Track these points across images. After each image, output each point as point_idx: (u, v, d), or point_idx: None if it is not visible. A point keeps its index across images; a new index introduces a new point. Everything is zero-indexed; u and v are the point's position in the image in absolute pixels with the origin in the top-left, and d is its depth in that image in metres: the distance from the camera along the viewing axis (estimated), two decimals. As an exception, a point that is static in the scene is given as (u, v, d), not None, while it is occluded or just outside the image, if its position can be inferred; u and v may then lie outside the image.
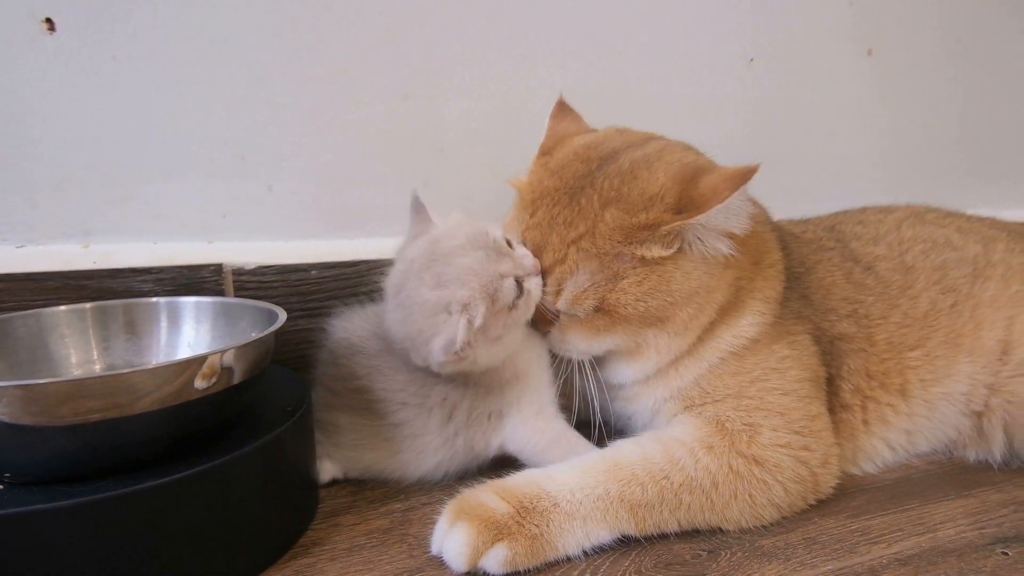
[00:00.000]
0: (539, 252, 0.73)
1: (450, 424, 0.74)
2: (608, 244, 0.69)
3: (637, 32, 1.15)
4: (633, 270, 0.69)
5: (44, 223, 0.89)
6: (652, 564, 0.65)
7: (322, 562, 0.65)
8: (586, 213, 0.71)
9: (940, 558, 0.66)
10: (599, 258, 0.70)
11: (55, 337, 0.78)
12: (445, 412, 0.74)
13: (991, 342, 0.84)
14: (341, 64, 0.99)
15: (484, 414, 0.74)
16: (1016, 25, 1.46)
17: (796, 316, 0.78)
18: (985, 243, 0.91)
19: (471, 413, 0.74)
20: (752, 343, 0.75)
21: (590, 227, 0.70)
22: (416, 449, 0.75)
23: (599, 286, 0.70)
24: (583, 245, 0.70)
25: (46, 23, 0.85)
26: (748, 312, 0.75)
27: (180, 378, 0.59)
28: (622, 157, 0.74)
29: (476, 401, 0.74)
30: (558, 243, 0.71)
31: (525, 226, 0.74)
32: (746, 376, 0.73)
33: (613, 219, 0.69)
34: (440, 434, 0.74)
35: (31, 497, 0.53)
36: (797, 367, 0.75)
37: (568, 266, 0.71)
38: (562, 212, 0.72)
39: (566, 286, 0.71)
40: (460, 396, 0.73)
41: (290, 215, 1.00)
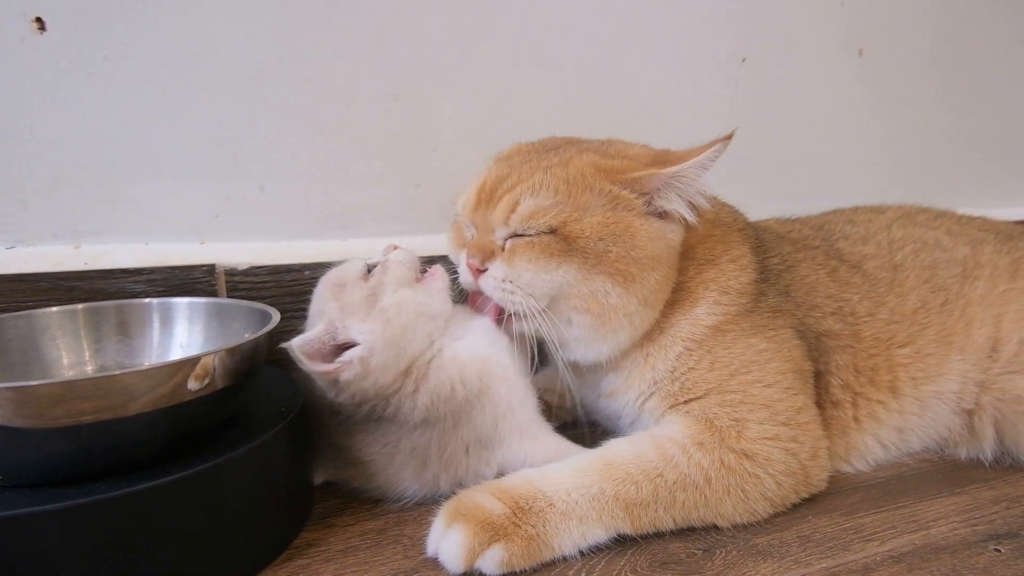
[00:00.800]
0: (502, 181, 0.74)
1: (427, 470, 0.71)
2: (579, 175, 0.72)
3: (630, 32, 1.16)
4: (602, 209, 0.71)
5: (35, 224, 0.89)
6: (647, 563, 0.65)
7: (317, 563, 0.65)
8: (562, 154, 0.75)
9: (933, 555, 0.66)
10: (568, 183, 0.71)
11: (47, 338, 0.78)
12: (417, 461, 0.71)
13: (981, 340, 0.85)
14: (334, 64, 0.99)
15: (460, 449, 0.71)
16: (1005, 26, 1.47)
17: (774, 311, 0.79)
18: (973, 245, 0.92)
19: (443, 453, 0.70)
20: (714, 331, 0.75)
21: (564, 160, 0.74)
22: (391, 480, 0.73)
23: (562, 208, 0.70)
24: (554, 171, 0.72)
25: (36, 23, 0.85)
26: (703, 302, 0.76)
27: (173, 379, 0.58)
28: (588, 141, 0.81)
29: (444, 439, 0.70)
30: (526, 170, 0.73)
31: (490, 168, 0.78)
32: (724, 370, 0.74)
33: (589, 159, 0.74)
34: (418, 480, 0.72)
35: (24, 500, 0.53)
36: (778, 359, 0.75)
37: (532, 183, 0.71)
38: (535, 156, 0.77)
39: (524, 200, 0.71)
40: (427, 440, 0.70)
41: (283, 215, 1.00)
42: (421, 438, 0.70)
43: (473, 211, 0.75)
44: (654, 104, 1.20)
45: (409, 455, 0.70)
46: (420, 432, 0.69)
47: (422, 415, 0.68)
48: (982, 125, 1.50)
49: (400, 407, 0.69)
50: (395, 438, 0.70)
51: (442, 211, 1.06)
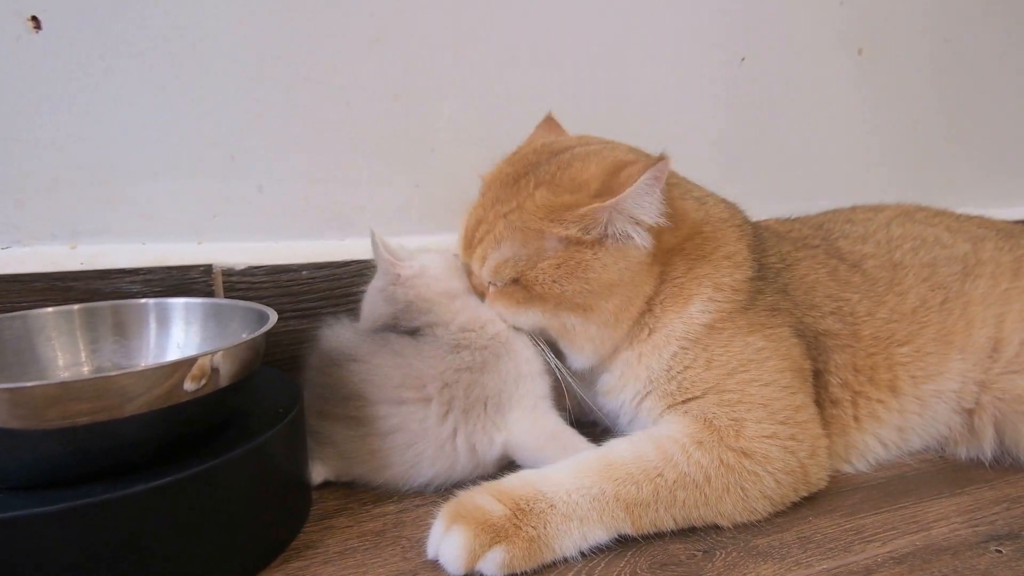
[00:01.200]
0: (477, 227, 0.78)
1: (448, 419, 0.73)
2: (532, 220, 0.73)
3: (629, 32, 1.16)
4: (554, 252, 0.73)
5: (30, 224, 0.88)
6: (647, 565, 0.64)
7: (315, 565, 0.64)
8: (520, 191, 0.76)
9: (934, 556, 0.66)
10: (523, 232, 0.74)
11: (42, 339, 0.77)
12: (444, 402, 0.73)
13: (982, 339, 0.85)
14: (332, 64, 0.98)
15: (481, 400, 0.74)
16: (1003, 25, 1.47)
17: (771, 309, 0.78)
18: (974, 242, 0.92)
19: (468, 398, 0.73)
20: (708, 329, 0.75)
21: (520, 203, 0.75)
22: (409, 461, 0.74)
23: (519, 260, 0.74)
24: (511, 218, 0.75)
25: (32, 21, 0.84)
26: (696, 299, 0.76)
27: (170, 380, 0.58)
28: (568, 152, 0.79)
29: (473, 383, 0.74)
30: (492, 217, 0.77)
31: (475, 206, 0.81)
32: (721, 369, 0.74)
33: (541, 197, 0.74)
34: (437, 434, 0.73)
35: (19, 502, 0.52)
36: (775, 358, 0.75)
37: (495, 235, 0.76)
38: (503, 191, 0.78)
39: (489, 254, 0.76)
40: (456, 379, 0.73)
41: (280, 215, 0.99)
42: (449, 366, 0.74)
43: (464, 254, 0.82)
44: (653, 103, 1.20)
45: (439, 393, 0.73)
46: (450, 359, 0.74)
47: (455, 335, 0.76)
48: (981, 125, 1.50)
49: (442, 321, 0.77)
50: (429, 368, 0.74)
51: (441, 211, 1.07)
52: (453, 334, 0.76)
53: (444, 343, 0.75)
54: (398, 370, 0.74)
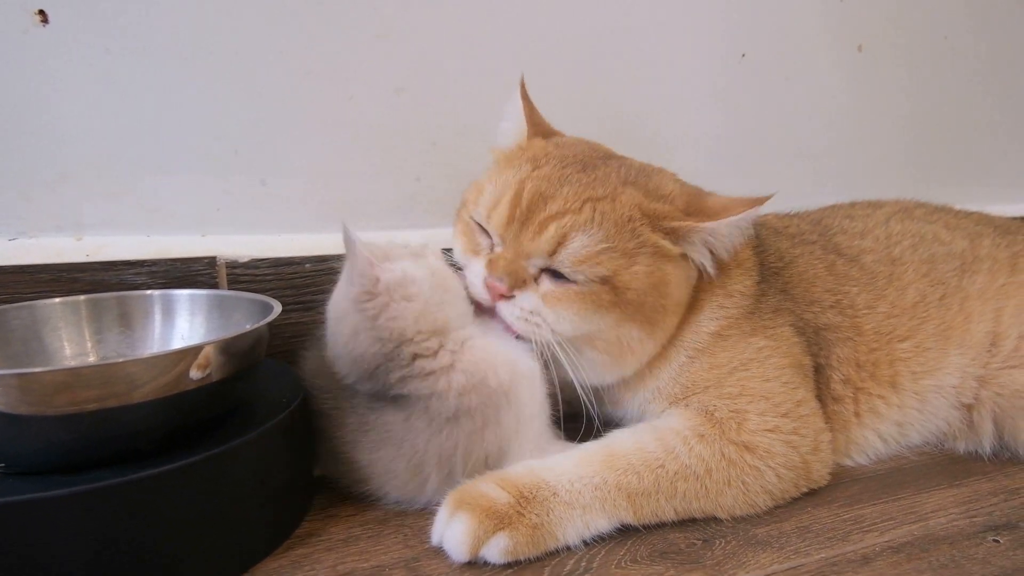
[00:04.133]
0: (541, 201, 0.69)
1: (449, 482, 0.67)
2: (627, 216, 0.69)
3: (629, 28, 1.16)
4: (646, 257, 0.69)
5: (37, 216, 0.89)
6: (647, 553, 0.65)
7: (318, 552, 0.65)
8: (605, 182, 0.71)
9: (932, 545, 0.67)
10: (617, 225, 0.68)
11: (48, 329, 0.78)
12: (443, 474, 0.67)
13: (980, 334, 0.85)
14: (335, 58, 0.99)
15: (481, 459, 0.68)
16: (1002, 22, 1.47)
17: (774, 310, 0.79)
18: (972, 238, 0.92)
19: (467, 462, 0.67)
20: (716, 337, 0.75)
21: (610, 193, 0.70)
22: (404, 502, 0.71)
23: (614, 254, 0.67)
24: (602, 206, 0.68)
25: (39, 15, 0.85)
26: (706, 307, 0.76)
27: (176, 368, 0.59)
28: (626, 160, 0.78)
29: (470, 443, 0.67)
30: (572, 195, 0.69)
31: (526, 175, 0.70)
32: (723, 368, 0.74)
33: (633, 195, 0.71)
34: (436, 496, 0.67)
35: (27, 486, 0.53)
36: (777, 355, 0.76)
37: (583, 217, 0.67)
38: (575, 174, 0.71)
39: (574, 237, 0.67)
40: (453, 451, 0.66)
41: (284, 208, 1.00)
42: (448, 440, 0.66)
43: (504, 226, 0.70)
44: (654, 99, 1.20)
45: (436, 471, 0.67)
46: (448, 431, 0.66)
47: (455, 402, 0.64)
48: (980, 121, 1.50)
49: (436, 386, 0.65)
50: (423, 437, 0.66)
51: (443, 205, 1.07)
52: (451, 404, 0.65)
53: (440, 416, 0.65)
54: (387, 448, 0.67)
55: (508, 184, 0.71)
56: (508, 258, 0.70)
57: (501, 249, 0.72)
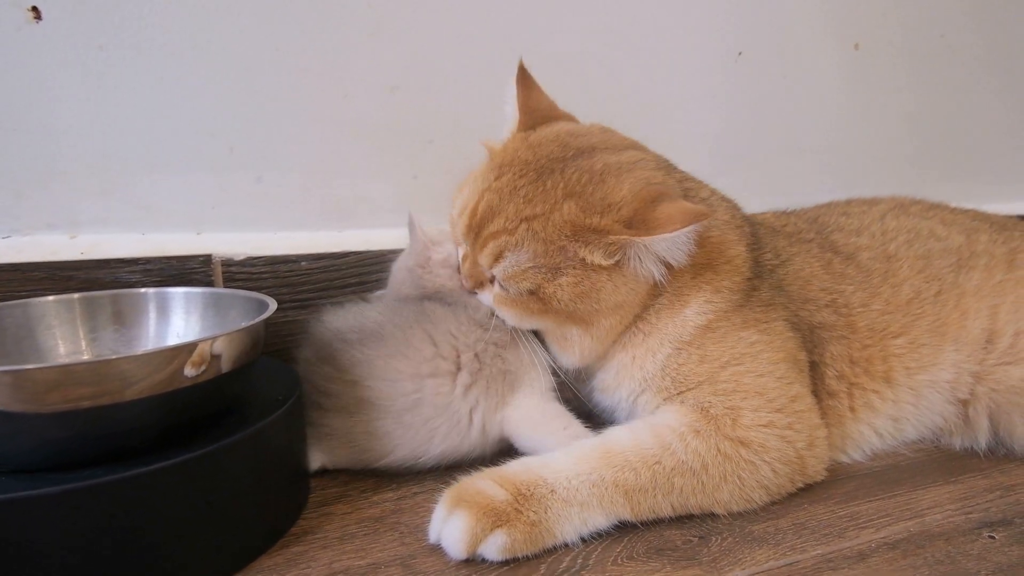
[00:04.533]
0: (490, 217, 0.74)
1: (472, 391, 0.75)
2: (557, 235, 0.71)
3: (626, 26, 1.16)
4: (572, 269, 0.71)
5: (30, 214, 0.89)
6: (644, 550, 0.65)
7: (314, 550, 0.65)
8: (547, 197, 0.73)
9: (928, 542, 0.67)
10: (545, 244, 0.71)
11: (42, 327, 0.78)
12: (472, 372, 0.76)
13: (976, 331, 0.85)
14: (330, 55, 0.99)
15: (500, 373, 0.77)
16: (998, 20, 1.48)
17: (766, 304, 0.79)
18: (968, 234, 0.92)
19: (492, 369, 0.76)
20: (704, 330, 0.75)
21: (546, 211, 0.72)
22: (422, 438, 0.74)
23: (539, 272, 0.72)
24: (535, 226, 0.72)
25: (32, 12, 0.84)
26: (693, 302, 0.76)
27: (170, 365, 0.58)
28: (597, 156, 0.76)
29: (497, 356, 0.77)
30: (512, 214, 0.73)
31: (487, 186, 0.76)
32: (715, 362, 0.74)
33: (569, 212, 0.71)
34: (457, 409, 0.75)
35: (20, 484, 0.53)
36: (770, 350, 0.75)
37: (516, 239, 0.72)
38: (525, 186, 0.74)
39: (506, 257, 0.73)
40: (485, 351, 0.77)
41: (279, 206, 1.00)
42: (481, 337, 0.77)
43: (464, 235, 0.78)
44: (650, 98, 1.20)
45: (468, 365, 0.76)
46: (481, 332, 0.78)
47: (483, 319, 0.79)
48: (976, 120, 1.50)
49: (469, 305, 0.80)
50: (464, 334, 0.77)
51: (439, 202, 1.07)
52: (482, 313, 0.79)
53: (475, 319, 0.78)
54: (430, 343, 0.76)
55: (472, 195, 0.77)
56: (471, 262, 0.79)
57: (467, 250, 0.79)
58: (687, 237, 0.69)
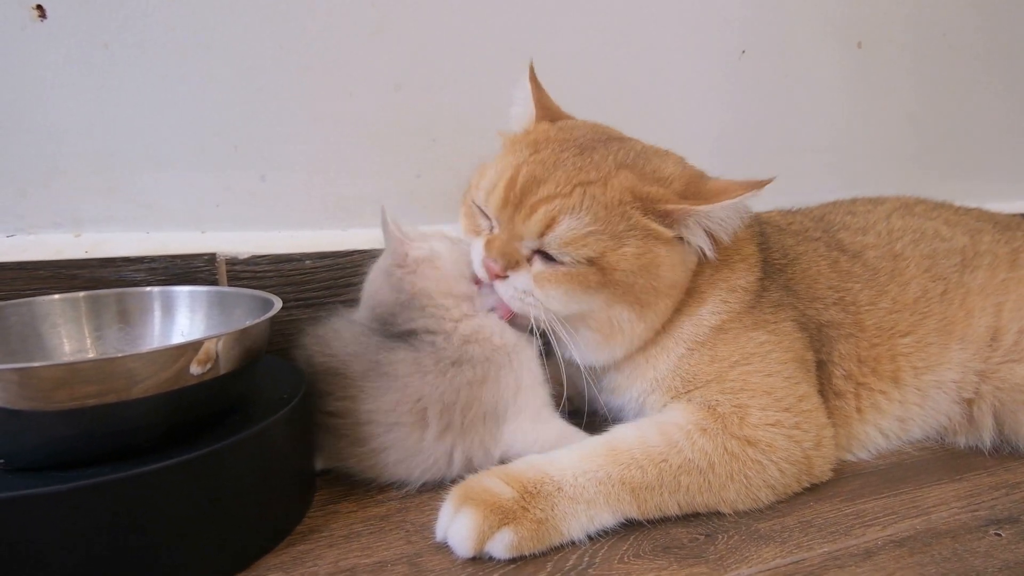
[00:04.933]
0: (534, 185, 0.71)
1: (445, 438, 0.71)
2: (618, 200, 0.69)
3: (630, 25, 1.16)
4: (635, 239, 0.70)
5: (35, 212, 0.88)
6: (650, 548, 0.65)
7: (320, 548, 0.65)
8: (599, 165, 0.71)
9: (934, 539, 0.67)
10: (606, 208, 0.69)
11: (47, 326, 0.78)
12: (442, 424, 0.70)
13: (981, 329, 0.85)
14: (334, 54, 0.98)
15: (480, 416, 0.71)
16: (1000, 19, 1.47)
17: (776, 305, 0.79)
18: (972, 234, 0.92)
19: (466, 416, 0.70)
20: (716, 331, 0.75)
21: (602, 177, 0.70)
22: (401, 473, 0.72)
23: (600, 238, 0.69)
24: (593, 191, 0.69)
25: (37, 10, 0.84)
26: (709, 301, 0.76)
27: (176, 363, 0.58)
28: (630, 142, 0.77)
29: (470, 396, 0.71)
30: (563, 179, 0.70)
31: (523, 160, 0.73)
32: (724, 362, 0.74)
33: (626, 179, 0.71)
34: (433, 451, 0.71)
35: (26, 482, 0.53)
36: (779, 350, 0.75)
37: (572, 201, 0.69)
38: (571, 158, 0.72)
39: (562, 220, 0.69)
40: (455, 399, 0.70)
41: (283, 205, 1.00)
42: (451, 385, 0.70)
43: (499, 209, 0.72)
44: (654, 96, 1.20)
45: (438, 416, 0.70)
46: (452, 375, 0.70)
47: (458, 348, 0.71)
48: (978, 118, 1.50)
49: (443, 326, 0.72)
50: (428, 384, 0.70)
51: (443, 201, 1.07)
52: (455, 347, 0.71)
53: (444, 356, 0.70)
54: (391, 393, 0.70)
55: (506, 168, 0.73)
56: (503, 239, 0.73)
57: (498, 231, 0.75)
58: (743, 206, 0.70)
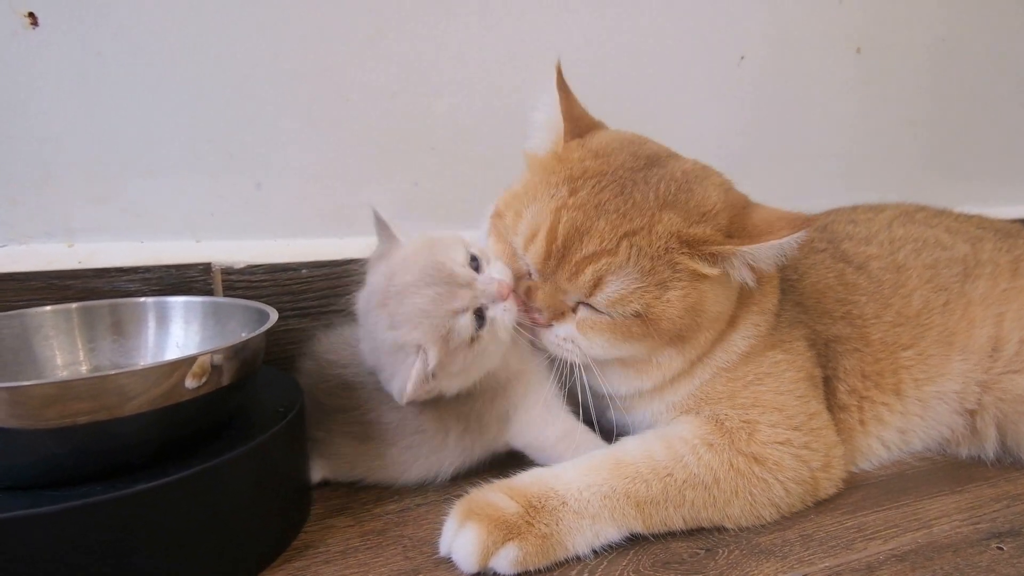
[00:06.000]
0: (577, 238, 0.67)
1: (466, 436, 0.73)
2: (664, 247, 0.67)
3: (629, 31, 1.15)
4: (680, 283, 0.67)
5: (27, 222, 0.87)
6: (650, 563, 0.64)
7: (316, 565, 0.64)
8: (642, 209, 0.67)
9: (936, 553, 0.66)
10: (653, 260, 0.67)
11: (40, 338, 0.77)
12: (461, 426, 0.72)
13: (983, 339, 0.85)
14: (330, 61, 0.98)
15: (493, 419, 0.73)
16: (999, 24, 1.47)
17: (791, 323, 0.78)
18: (973, 242, 0.92)
19: (482, 420, 0.73)
20: (744, 357, 0.75)
21: (647, 224, 0.67)
22: (427, 468, 0.75)
23: (647, 291, 0.67)
24: (639, 241, 0.66)
25: (29, 18, 0.83)
26: (743, 326, 0.75)
27: (170, 379, 0.58)
28: (670, 164, 0.73)
29: (484, 408, 0.73)
30: (608, 231, 0.67)
31: (562, 204, 0.69)
32: (739, 382, 0.74)
33: (671, 222, 0.67)
34: (458, 447, 0.74)
35: (18, 502, 0.52)
36: (792, 369, 0.75)
37: (619, 259, 0.66)
38: (612, 200, 0.68)
39: (609, 281, 0.67)
40: (469, 408, 0.72)
41: (279, 213, 0.99)
42: (465, 406, 0.71)
43: (542, 263, 0.69)
44: (653, 102, 1.19)
45: (456, 420, 0.72)
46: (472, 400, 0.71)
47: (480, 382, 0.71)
48: (978, 123, 1.50)
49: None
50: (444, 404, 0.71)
51: (440, 209, 1.06)
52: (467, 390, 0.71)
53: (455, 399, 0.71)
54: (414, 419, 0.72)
55: (544, 215, 0.69)
56: (548, 292, 0.70)
57: (539, 279, 0.71)
58: (793, 244, 0.66)
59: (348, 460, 0.76)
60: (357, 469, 0.76)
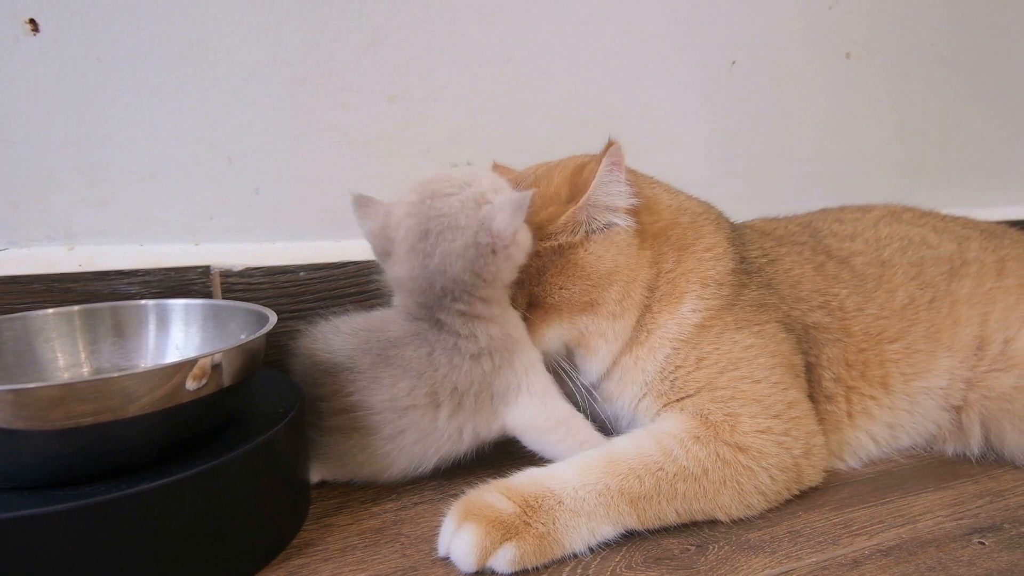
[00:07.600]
0: None
1: (459, 414, 0.73)
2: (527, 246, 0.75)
3: (620, 36, 1.17)
4: (551, 262, 0.76)
5: (27, 225, 0.88)
6: (642, 559, 0.66)
7: (315, 563, 0.65)
8: None
9: (920, 548, 0.68)
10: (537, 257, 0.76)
11: (41, 340, 0.78)
12: (454, 403, 0.73)
13: (968, 337, 0.87)
14: (328, 66, 0.99)
15: (488, 397, 0.74)
16: (989, 29, 1.49)
17: (758, 305, 0.80)
18: (959, 242, 0.94)
19: (478, 398, 0.73)
20: (699, 329, 0.77)
21: None
22: (416, 455, 0.74)
23: (527, 284, 0.77)
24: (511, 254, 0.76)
25: (30, 24, 0.85)
26: (687, 297, 0.78)
27: (172, 381, 0.59)
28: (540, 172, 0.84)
29: (483, 384, 0.73)
30: None
31: None
32: (712, 367, 0.75)
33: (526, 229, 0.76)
34: (445, 429, 0.73)
35: (22, 502, 0.53)
36: (765, 354, 0.76)
37: None
38: None
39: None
40: (468, 386, 0.72)
41: (277, 216, 1.00)
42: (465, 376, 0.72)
43: None
44: (644, 106, 1.21)
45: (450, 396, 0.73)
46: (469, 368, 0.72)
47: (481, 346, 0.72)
48: (967, 127, 1.52)
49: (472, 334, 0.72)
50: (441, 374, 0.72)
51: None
52: (480, 344, 0.73)
53: (465, 353, 0.72)
54: (404, 379, 0.72)
55: None
56: None
57: None
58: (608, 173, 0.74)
59: (337, 458, 0.76)
60: (347, 466, 0.76)
